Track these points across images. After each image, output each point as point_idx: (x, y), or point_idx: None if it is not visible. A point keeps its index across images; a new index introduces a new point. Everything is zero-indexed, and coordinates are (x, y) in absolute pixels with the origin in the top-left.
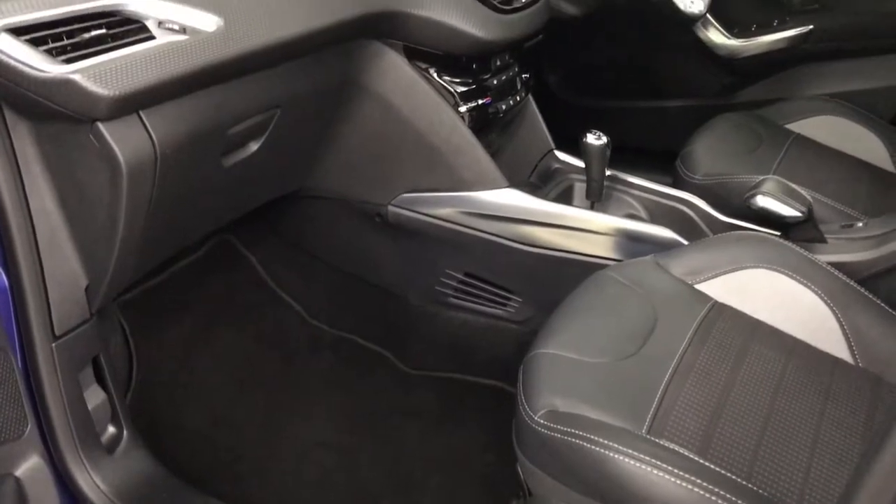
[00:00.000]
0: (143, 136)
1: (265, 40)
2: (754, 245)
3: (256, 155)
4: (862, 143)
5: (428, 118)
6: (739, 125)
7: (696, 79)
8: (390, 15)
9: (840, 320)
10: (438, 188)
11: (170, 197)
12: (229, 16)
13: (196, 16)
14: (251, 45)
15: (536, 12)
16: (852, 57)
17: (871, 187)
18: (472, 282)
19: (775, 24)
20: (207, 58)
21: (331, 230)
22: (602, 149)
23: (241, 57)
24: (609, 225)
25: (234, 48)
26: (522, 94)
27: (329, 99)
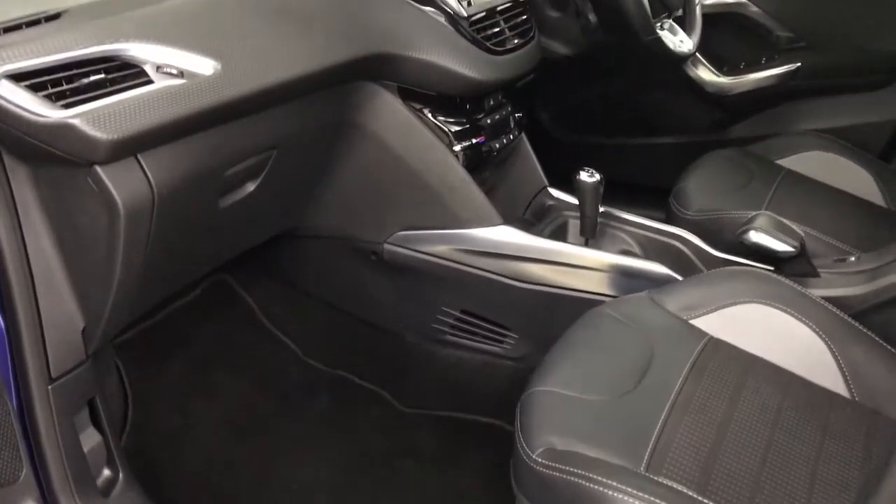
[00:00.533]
0: (141, 178)
1: (262, 83)
2: (748, 280)
3: (253, 195)
4: (852, 177)
5: (423, 157)
6: (731, 161)
7: (686, 116)
8: (385, 57)
9: (835, 355)
10: (434, 226)
11: (166, 238)
12: (226, 59)
13: (193, 60)
14: (248, 88)
15: (528, 53)
16: (840, 93)
17: (862, 222)
18: (468, 319)
19: (763, 61)
20: (205, 101)
21: (326, 269)
22: (595, 186)
23: (238, 100)
24: (603, 261)
25: (232, 91)
26: (516, 133)
27: (325, 139)
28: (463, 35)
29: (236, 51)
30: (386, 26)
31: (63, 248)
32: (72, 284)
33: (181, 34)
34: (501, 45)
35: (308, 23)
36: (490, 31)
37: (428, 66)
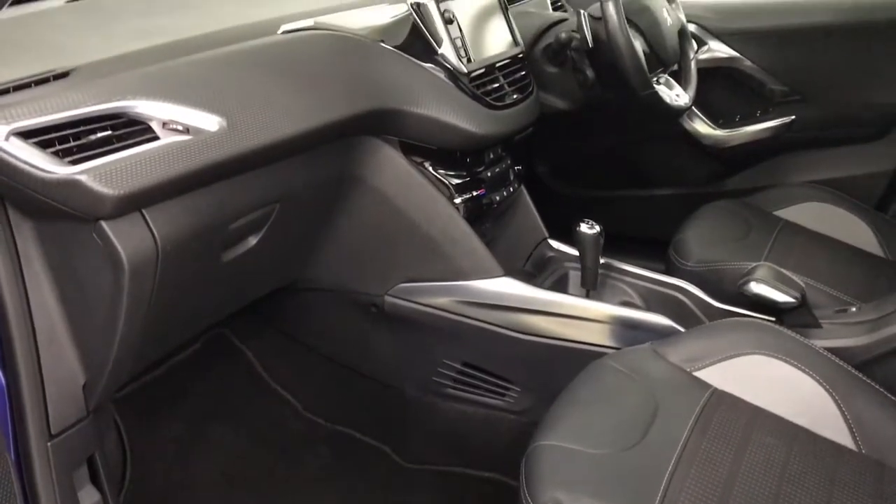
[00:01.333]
0: (146, 234)
1: (267, 139)
2: (751, 331)
3: (255, 249)
4: (850, 228)
5: (424, 210)
6: (729, 213)
7: (684, 168)
8: (388, 112)
9: (840, 406)
10: (435, 278)
11: (170, 293)
12: (231, 115)
13: (199, 116)
14: (253, 143)
15: (527, 108)
16: (836, 145)
17: (861, 272)
18: (470, 372)
19: (758, 114)
20: (210, 157)
21: (326, 322)
22: (595, 237)
23: (243, 155)
24: (605, 313)
25: (237, 147)
26: (515, 185)
27: (327, 193)
28: (463, 90)
29: (241, 107)
30: (388, 82)
31: (66, 302)
32: (74, 339)
33: (187, 91)
34: (501, 101)
35: (313, 79)
36: (490, 86)
37: (430, 120)
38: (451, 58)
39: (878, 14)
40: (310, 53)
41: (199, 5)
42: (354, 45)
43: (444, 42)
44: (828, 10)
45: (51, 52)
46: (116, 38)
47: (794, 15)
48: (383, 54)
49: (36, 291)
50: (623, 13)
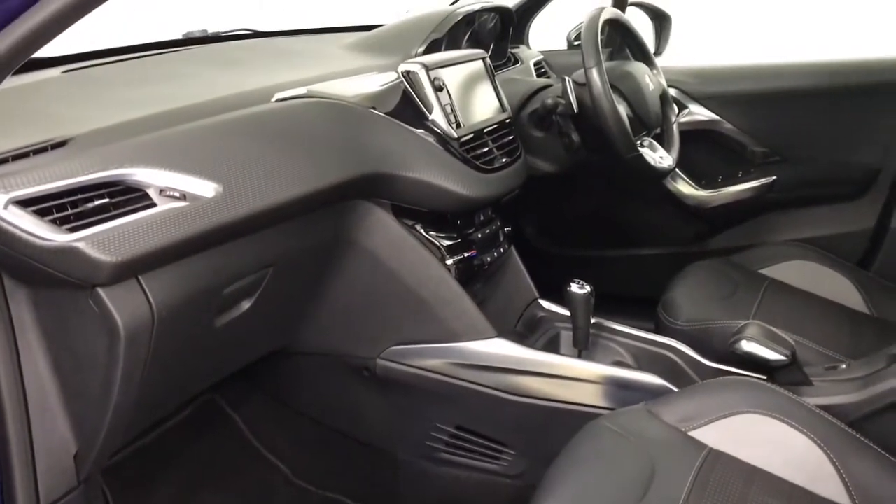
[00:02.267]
0: (142, 300)
1: (262, 205)
2: (745, 390)
3: (248, 313)
4: (834, 286)
5: (416, 272)
6: (715, 272)
7: (669, 228)
8: (381, 177)
9: (836, 465)
10: (428, 340)
11: (164, 360)
12: (228, 181)
13: (195, 183)
14: (249, 209)
15: (516, 171)
16: (817, 204)
17: (848, 329)
18: (463, 435)
19: (740, 175)
20: (207, 223)
21: (316, 386)
22: (586, 297)
23: (239, 221)
24: (598, 373)
25: (233, 213)
26: (505, 246)
27: (319, 256)
28: (453, 155)
29: (237, 173)
30: (381, 147)
31: (59, 370)
32: (67, 408)
33: (183, 158)
34: (490, 164)
35: (307, 145)
36: (479, 150)
37: (422, 184)
38: (441, 123)
39: (851, 78)
40: (303, 120)
41: (190, 75)
42: (347, 111)
43: (435, 108)
44: (803, 74)
45: (48, 121)
46: (112, 108)
47: (770, 79)
48: (375, 120)
49: (29, 360)
50: (607, 79)
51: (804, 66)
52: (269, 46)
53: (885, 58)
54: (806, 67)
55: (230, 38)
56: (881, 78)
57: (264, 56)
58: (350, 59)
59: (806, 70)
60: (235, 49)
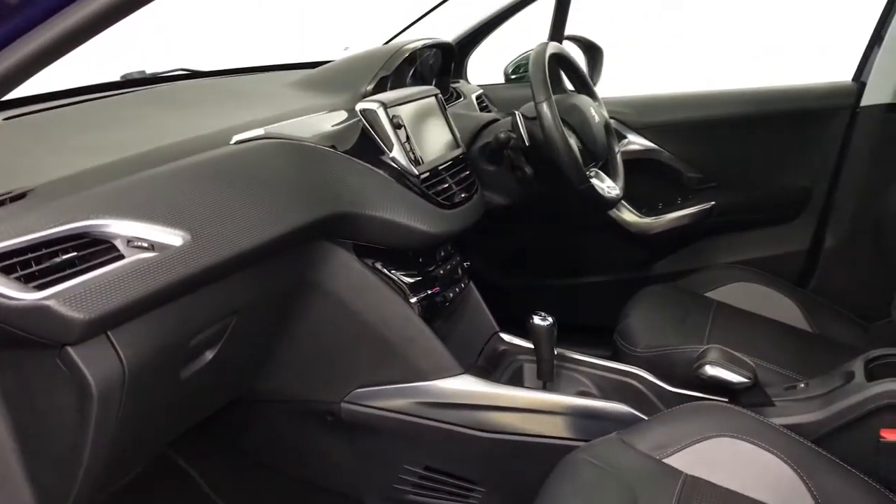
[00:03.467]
0: (113, 357)
1: (232, 251)
2: (714, 414)
3: (211, 363)
4: (776, 306)
5: (380, 312)
6: (664, 297)
7: (614, 256)
8: (345, 217)
9: (806, 483)
10: (393, 380)
11: (133, 417)
12: (195, 229)
13: (163, 232)
14: (219, 257)
15: (474, 206)
16: (755, 227)
17: (796, 347)
18: (432, 476)
19: (679, 201)
20: (177, 273)
21: (277, 434)
22: (549, 329)
23: (209, 269)
24: (567, 404)
25: (204, 262)
26: (466, 281)
27: (282, 300)
28: (415, 192)
29: (204, 220)
30: (343, 187)
31: (22, 437)
32: (29, 477)
33: (148, 207)
34: (450, 200)
35: (270, 188)
36: (439, 186)
37: (386, 223)
38: (401, 160)
39: (778, 105)
40: (265, 163)
41: (140, 118)
42: (308, 152)
43: (395, 146)
44: (733, 102)
45: (2, 172)
46: (66, 155)
47: (702, 108)
48: (336, 160)
49: None
50: (557, 113)
51: (733, 95)
52: (213, 87)
53: (810, 84)
54: (735, 96)
55: (169, 78)
56: (806, 104)
57: (212, 97)
58: (299, 97)
59: (735, 98)
60: (180, 90)
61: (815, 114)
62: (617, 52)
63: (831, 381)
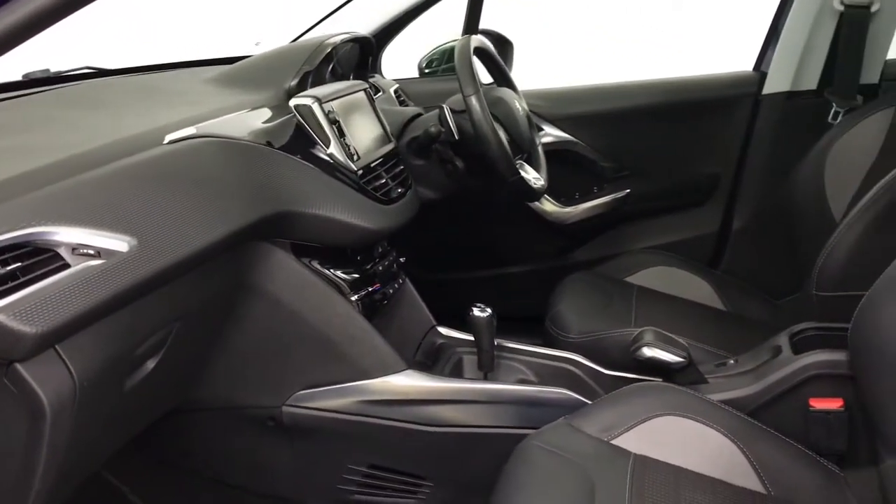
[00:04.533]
0: (63, 371)
1: (180, 254)
2: (656, 394)
3: (153, 373)
4: (692, 287)
5: (321, 312)
6: (588, 284)
7: (535, 245)
8: (286, 215)
9: (746, 454)
10: (336, 380)
11: (80, 435)
12: (140, 234)
13: (108, 238)
14: (168, 261)
15: (411, 200)
16: (668, 212)
17: (717, 326)
18: (378, 474)
19: (595, 190)
20: (127, 280)
21: (214, 443)
22: (489, 320)
23: (158, 275)
24: (512, 394)
25: (151, 266)
26: (403, 277)
27: (221, 305)
28: (354, 188)
29: (149, 223)
30: (283, 185)
31: None
32: None
33: (90, 211)
34: (387, 195)
35: (210, 189)
36: (376, 182)
37: (326, 220)
38: (339, 156)
39: (684, 94)
40: (203, 163)
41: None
42: (245, 150)
43: (332, 141)
44: (641, 93)
45: None
46: None
47: (613, 99)
48: (274, 157)
49: None
50: (486, 106)
51: (644, 86)
52: (125, 85)
53: (715, 74)
54: (645, 87)
55: (75, 77)
56: (712, 93)
57: (127, 96)
58: (219, 94)
59: (646, 89)
60: (92, 90)
61: (721, 102)
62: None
63: (759, 356)
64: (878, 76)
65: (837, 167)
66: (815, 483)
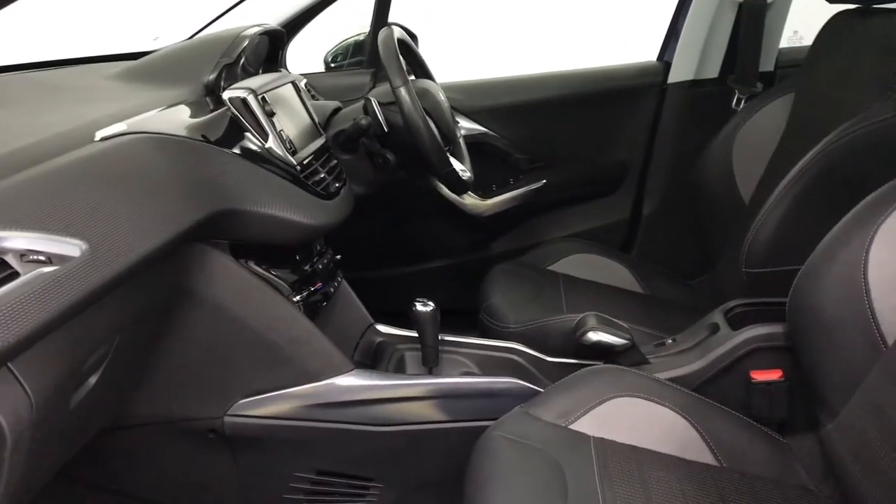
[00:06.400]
0: (19, 391)
1: (131, 258)
2: (607, 377)
3: (95, 389)
4: (612, 273)
5: (264, 315)
6: (516, 274)
7: (456, 239)
8: (228, 214)
9: (698, 430)
10: (281, 386)
11: (34, 458)
12: (90, 237)
13: (58, 242)
14: (119, 265)
15: (348, 195)
16: (582, 201)
17: (643, 308)
18: (325, 479)
19: (511, 182)
20: (81, 287)
21: (150, 461)
22: (433, 314)
23: (111, 280)
24: (463, 387)
25: (105, 272)
26: (340, 276)
27: (159, 314)
28: (295, 183)
29: (96, 226)
30: (223, 181)
31: None
32: None
33: (34, 214)
34: (326, 190)
35: (155, 186)
36: (315, 177)
37: (269, 218)
38: (278, 150)
39: (593, 85)
40: (141, 161)
41: None
42: (181, 146)
43: (270, 135)
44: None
45: None
46: None
47: (525, 91)
48: (212, 153)
49: None
50: (416, 97)
51: (555, 77)
52: (24, 82)
53: (623, 65)
54: (557, 78)
55: None
56: (620, 83)
57: (33, 93)
58: (133, 90)
59: (557, 80)
60: None
61: (629, 92)
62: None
63: (697, 334)
64: (773, 64)
65: (744, 151)
66: (762, 452)
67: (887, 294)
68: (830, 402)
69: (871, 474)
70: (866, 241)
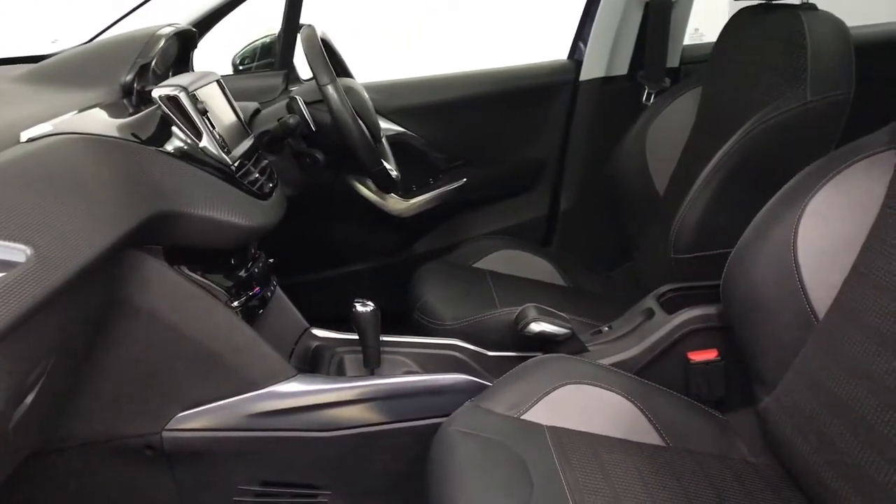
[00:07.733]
0: None
1: (78, 263)
2: (552, 366)
3: (31, 408)
4: (535, 267)
5: (203, 323)
6: (444, 272)
7: (379, 240)
8: (167, 216)
9: (644, 412)
10: (222, 396)
11: None
12: (34, 241)
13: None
14: (67, 270)
15: (282, 196)
16: (503, 198)
17: (570, 299)
18: (271, 490)
19: (432, 181)
20: (32, 295)
21: (79, 484)
22: (374, 314)
23: (61, 286)
24: (412, 386)
25: (54, 277)
26: (275, 280)
27: (92, 327)
28: (231, 184)
29: (39, 229)
30: (161, 183)
31: None
32: None
33: None
34: (261, 190)
35: (92, 188)
36: (250, 177)
37: (207, 220)
38: (213, 150)
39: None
40: (74, 162)
41: None
42: (113, 147)
43: (204, 134)
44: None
45: None
46: None
47: (443, 90)
48: (144, 153)
49: None
50: (345, 95)
51: (471, 76)
52: None
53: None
54: (472, 77)
55: None
56: (535, 81)
57: None
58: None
59: (473, 79)
60: None
61: (543, 90)
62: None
63: (633, 320)
64: (678, 60)
65: (657, 144)
66: (705, 430)
67: (817, 271)
68: (766, 377)
69: (818, 445)
70: (794, 220)
